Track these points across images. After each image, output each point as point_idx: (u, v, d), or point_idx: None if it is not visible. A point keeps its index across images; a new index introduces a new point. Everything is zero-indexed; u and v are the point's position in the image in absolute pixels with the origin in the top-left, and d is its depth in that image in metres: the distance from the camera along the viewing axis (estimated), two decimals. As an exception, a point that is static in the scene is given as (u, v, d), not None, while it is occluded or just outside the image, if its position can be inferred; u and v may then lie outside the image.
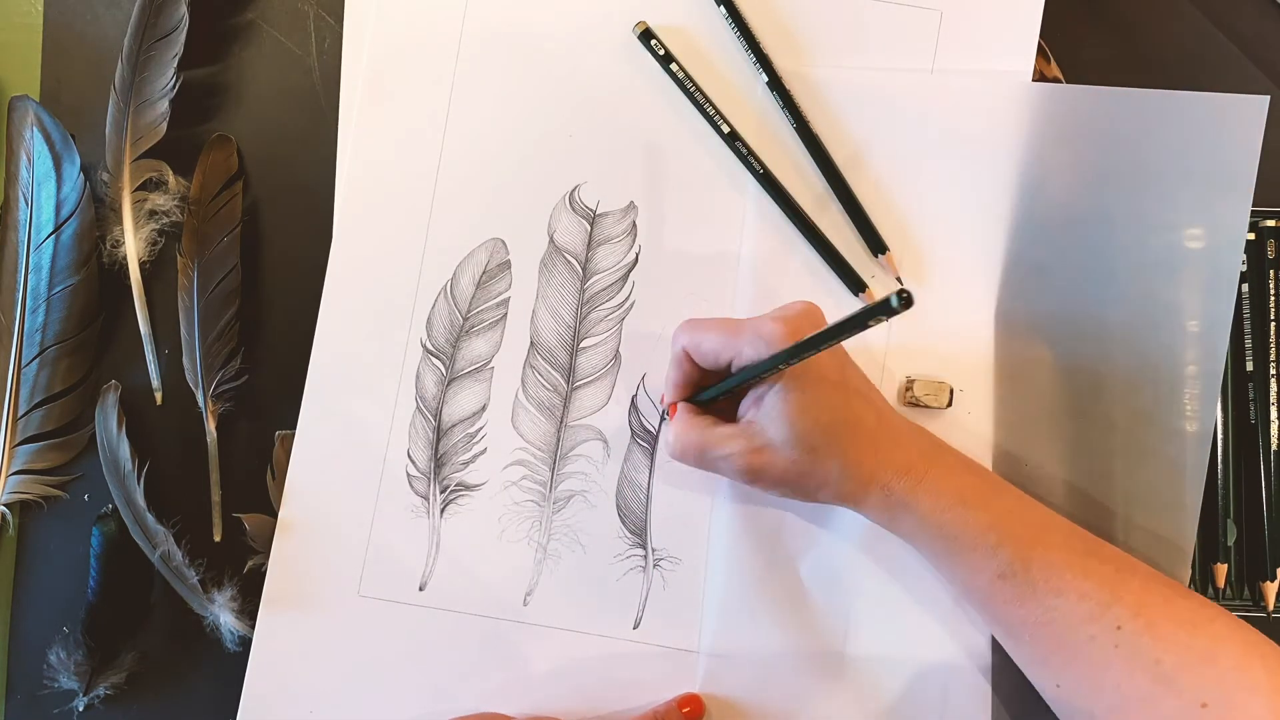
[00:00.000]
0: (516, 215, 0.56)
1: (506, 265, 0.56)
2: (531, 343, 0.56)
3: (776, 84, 0.55)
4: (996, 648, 0.53)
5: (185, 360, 0.55)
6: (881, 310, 0.36)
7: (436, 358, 0.56)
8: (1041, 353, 0.55)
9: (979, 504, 0.47)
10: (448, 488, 0.55)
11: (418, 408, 0.56)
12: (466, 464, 0.56)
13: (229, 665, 0.54)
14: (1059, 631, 0.46)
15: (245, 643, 0.54)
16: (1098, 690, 0.45)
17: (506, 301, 0.56)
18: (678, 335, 0.50)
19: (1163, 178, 0.54)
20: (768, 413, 0.47)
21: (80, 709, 0.54)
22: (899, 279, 0.55)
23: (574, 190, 0.57)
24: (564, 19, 0.57)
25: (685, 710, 0.52)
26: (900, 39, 0.56)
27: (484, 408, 0.56)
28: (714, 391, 0.50)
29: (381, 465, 0.55)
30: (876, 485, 0.48)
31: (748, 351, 0.47)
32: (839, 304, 0.55)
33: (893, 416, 0.50)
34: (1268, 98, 0.53)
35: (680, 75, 0.55)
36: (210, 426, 0.55)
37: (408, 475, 0.55)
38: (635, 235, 0.56)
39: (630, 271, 0.56)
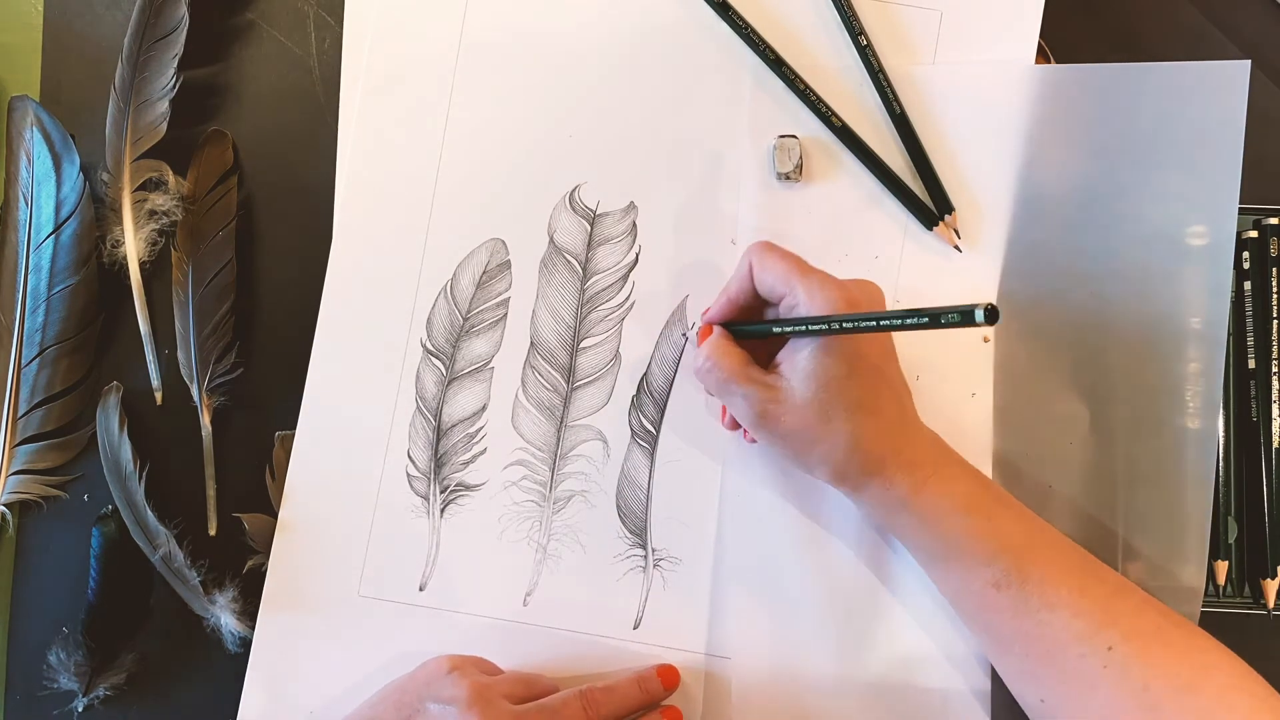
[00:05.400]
0: (516, 215, 0.56)
1: (506, 265, 0.56)
2: (531, 343, 0.56)
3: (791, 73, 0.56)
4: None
5: (180, 354, 0.55)
6: (961, 318, 0.34)
7: (436, 358, 0.56)
8: (1043, 327, 0.55)
9: (981, 512, 0.47)
10: (448, 488, 0.55)
11: (418, 408, 0.56)
12: (466, 464, 0.55)
13: (229, 666, 0.54)
14: (1049, 647, 0.46)
15: (246, 644, 0.54)
16: (1082, 709, 0.45)
17: (506, 301, 0.56)
18: (750, 251, 0.49)
19: (1155, 148, 0.55)
20: (799, 367, 0.47)
21: (80, 710, 0.54)
22: (957, 244, 0.56)
23: (574, 190, 0.57)
24: (564, 19, 0.57)
25: (661, 678, 0.52)
26: (901, 39, 0.56)
27: (484, 408, 0.56)
28: (753, 329, 0.49)
29: (381, 465, 0.55)
30: (880, 476, 0.47)
31: (803, 297, 0.46)
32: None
33: (914, 418, 0.50)
34: (1249, 62, 0.54)
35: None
36: (205, 420, 0.55)
37: (408, 475, 0.55)
38: (635, 235, 0.56)
39: (630, 271, 0.56)
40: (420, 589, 0.55)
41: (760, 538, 0.54)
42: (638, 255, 0.56)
